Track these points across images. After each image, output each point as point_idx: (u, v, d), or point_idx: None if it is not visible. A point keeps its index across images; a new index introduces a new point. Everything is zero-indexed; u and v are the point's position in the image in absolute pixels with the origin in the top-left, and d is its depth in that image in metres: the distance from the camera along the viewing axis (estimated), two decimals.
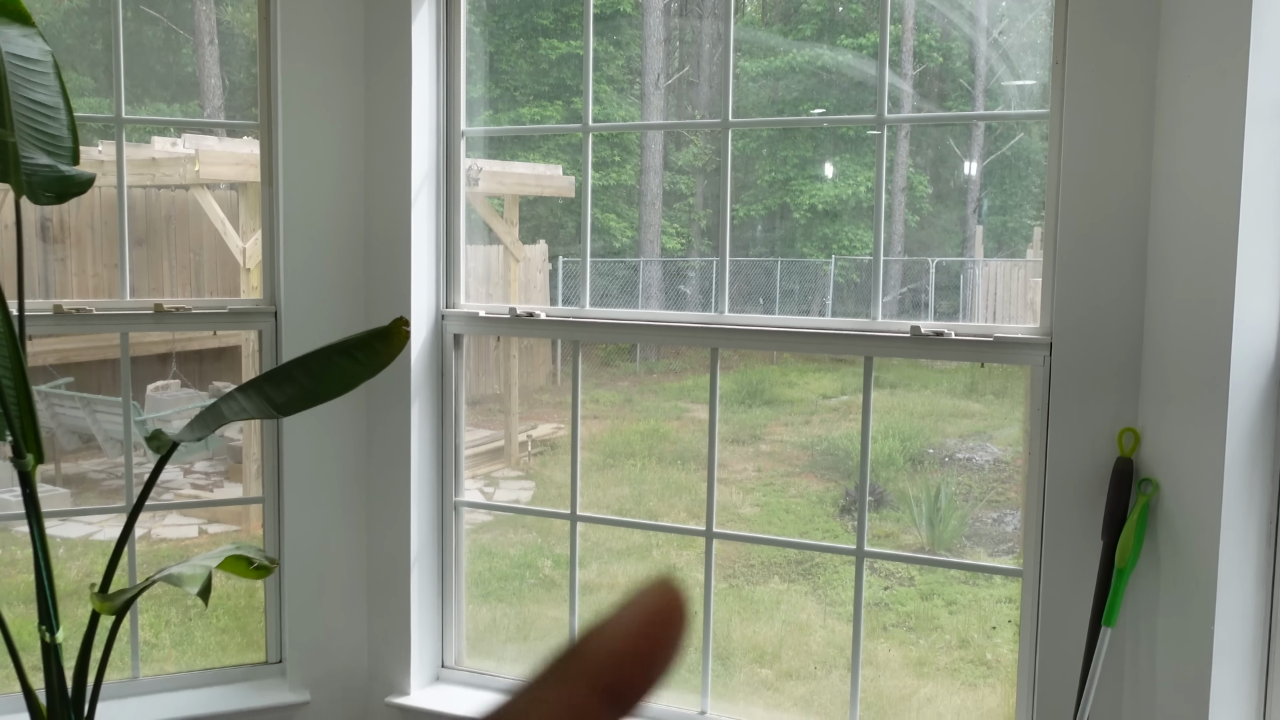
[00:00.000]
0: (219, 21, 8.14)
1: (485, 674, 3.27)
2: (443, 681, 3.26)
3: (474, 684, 3.24)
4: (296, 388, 2.24)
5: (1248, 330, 2.27)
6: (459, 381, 3.20)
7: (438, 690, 3.22)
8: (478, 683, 3.24)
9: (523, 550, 6.61)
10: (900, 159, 10.35)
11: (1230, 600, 2.32)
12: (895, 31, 10.21)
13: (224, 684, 3.14)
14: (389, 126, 3.06)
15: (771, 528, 6.85)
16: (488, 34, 10.14)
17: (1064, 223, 2.52)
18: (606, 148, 10.59)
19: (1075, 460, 2.54)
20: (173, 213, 7.68)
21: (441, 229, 3.16)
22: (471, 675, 3.26)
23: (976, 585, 6.04)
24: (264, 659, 3.20)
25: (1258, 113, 2.24)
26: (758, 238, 10.97)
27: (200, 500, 6.99)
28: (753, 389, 8.65)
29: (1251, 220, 2.25)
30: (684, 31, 11.56)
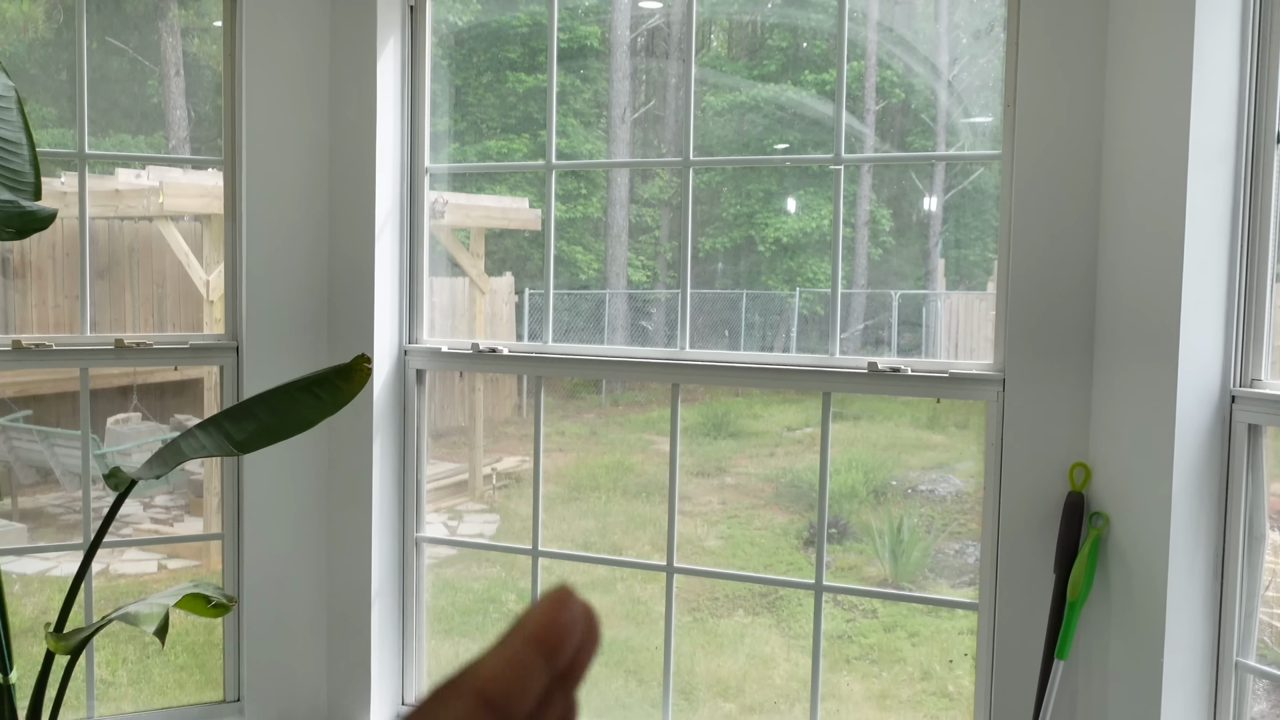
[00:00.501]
0: (185, 53, 8.14)
1: None
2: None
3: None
4: (257, 424, 2.24)
5: (1193, 366, 2.33)
6: (421, 417, 3.21)
7: None
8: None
9: (487, 584, 6.58)
10: (863, 193, 10.47)
11: (1179, 632, 2.36)
12: (858, 67, 10.35)
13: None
14: (353, 162, 3.08)
15: (736, 560, 6.87)
16: (455, 67, 10.18)
17: (1015, 261, 2.57)
18: (573, 180, 10.64)
19: (1028, 494, 2.59)
20: (136, 245, 7.64)
21: (405, 265, 3.17)
22: None
23: (939, 617, 6.07)
24: (222, 697, 3.17)
25: (1200, 156, 2.31)
26: (723, 270, 11.04)
27: (159, 536, 6.91)
28: (718, 421, 8.69)
29: (1196, 259, 2.32)
30: (650, 67, 11.67)
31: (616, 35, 10.88)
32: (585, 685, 0.38)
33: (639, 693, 5.29)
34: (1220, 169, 2.34)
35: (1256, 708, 2.69)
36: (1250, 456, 2.35)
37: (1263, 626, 4.46)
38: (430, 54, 3.16)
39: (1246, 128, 2.34)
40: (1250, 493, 2.37)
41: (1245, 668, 2.38)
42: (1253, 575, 2.40)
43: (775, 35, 11.54)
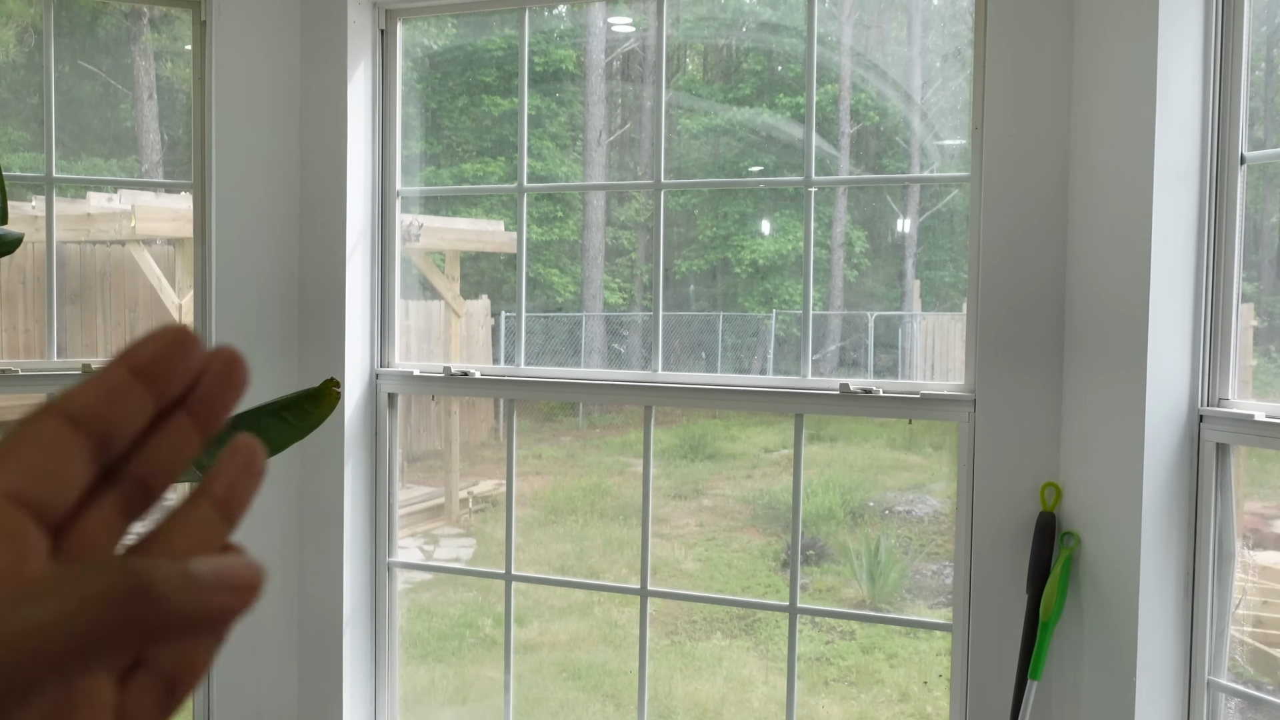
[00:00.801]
0: (158, 77, 8.11)
1: None
2: None
3: None
4: None
5: (1161, 386, 2.34)
6: (393, 441, 3.19)
7: None
8: None
9: (463, 609, 6.53)
10: (838, 215, 10.52)
11: (1151, 652, 2.37)
12: (833, 91, 10.41)
13: None
14: (324, 185, 3.07)
15: (714, 583, 6.85)
16: (430, 90, 10.19)
17: (985, 282, 2.59)
18: (549, 203, 10.65)
19: (1000, 515, 2.59)
20: (108, 269, 7.59)
21: (376, 288, 3.16)
22: None
23: (917, 639, 6.07)
24: None
25: (1165, 176, 2.33)
26: (700, 292, 11.06)
27: None
28: (695, 443, 8.68)
29: (1162, 279, 2.33)
30: (626, 91, 11.72)
31: (592, 59, 10.93)
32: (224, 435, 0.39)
33: (616, 717, 5.26)
34: (1185, 189, 2.36)
35: None
36: (1219, 475, 2.37)
37: (1234, 645, 4.48)
38: (401, 77, 3.16)
39: (1210, 148, 2.37)
40: (1219, 511, 2.38)
41: (1218, 686, 2.39)
42: (1223, 594, 2.41)
43: (750, 59, 11.62)
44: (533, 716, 5.41)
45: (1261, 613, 4.63)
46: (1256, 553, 4.96)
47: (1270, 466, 4.85)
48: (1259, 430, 2.26)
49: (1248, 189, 2.45)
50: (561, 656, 6.02)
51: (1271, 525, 5.09)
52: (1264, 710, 3.91)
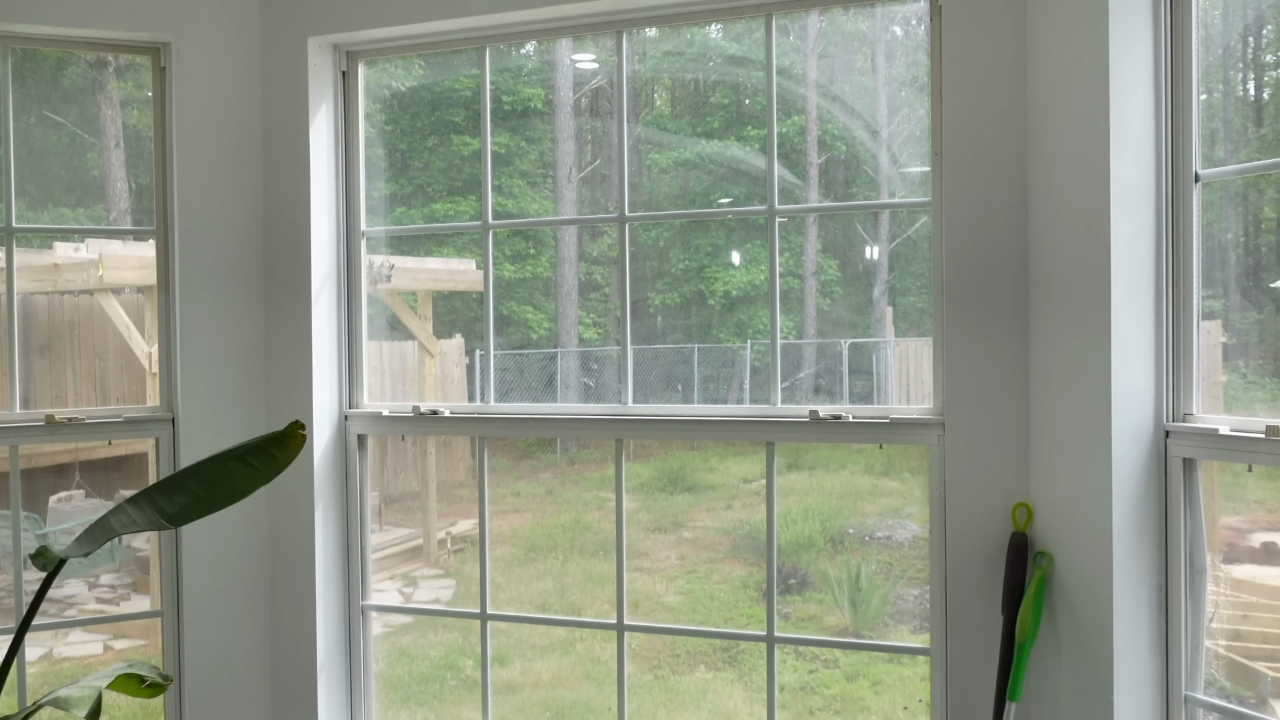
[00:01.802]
0: (125, 125, 8.11)
1: None
2: None
3: None
4: (189, 497, 2.20)
5: (1126, 404, 2.36)
6: (364, 482, 3.16)
7: None
8: None
9: (444, 651, 6.47)
10: (809, 244, 10.58)
11: (1127, 669, 2.37)
12: (799, 122, 10.50)
13: None
14: (288, 228, 3.06)
15: (696, 615, 6.81)
16: (399, 132, 10.22)
17: (949, 305, 2.60)
18: (521, 240, 10.67)
19: (973, 537, 2.60)
20: (76, 319, 7.53)
21: (344, 329, 3.15)
22: None
23: (901, 664, 6.05)
24: None
25: (1121, 197, 2.36)
26: (673, 325, 11.08)
27: (96, 616, 6.72)
28: (673, 476, 8.66)
29: (1123, 298, 2.35)
30: (595, 127, 11.78)
31: (560, 96, 10.99)
32: None
33: None
34: (1142, 209, 2.39)
35: None
36: (1187, 489, 2.38)
37: (1214, 659, 4.49)
38: (364, 118, 3.17)
39: (1165, 168, 2.40)
40: (1189, 525, 2.39)
41: (1195, 701, 2.39)
42: (1197, 608, 2.41)
43: (718, 93, 11.71)
44: None
45: (1241, 626, 4.64)
46: (1233, 567, 4.98)
47: (1245, 480, 4.88)
48: (1224, 444, 2.27)
49: (1211, 208, 2.48)
50: (544, 696, 5.97)
51: (1248, 539, 5.11)
52: None
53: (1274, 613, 4.62)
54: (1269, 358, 5.41)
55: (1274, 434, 2.16)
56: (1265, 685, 4.33)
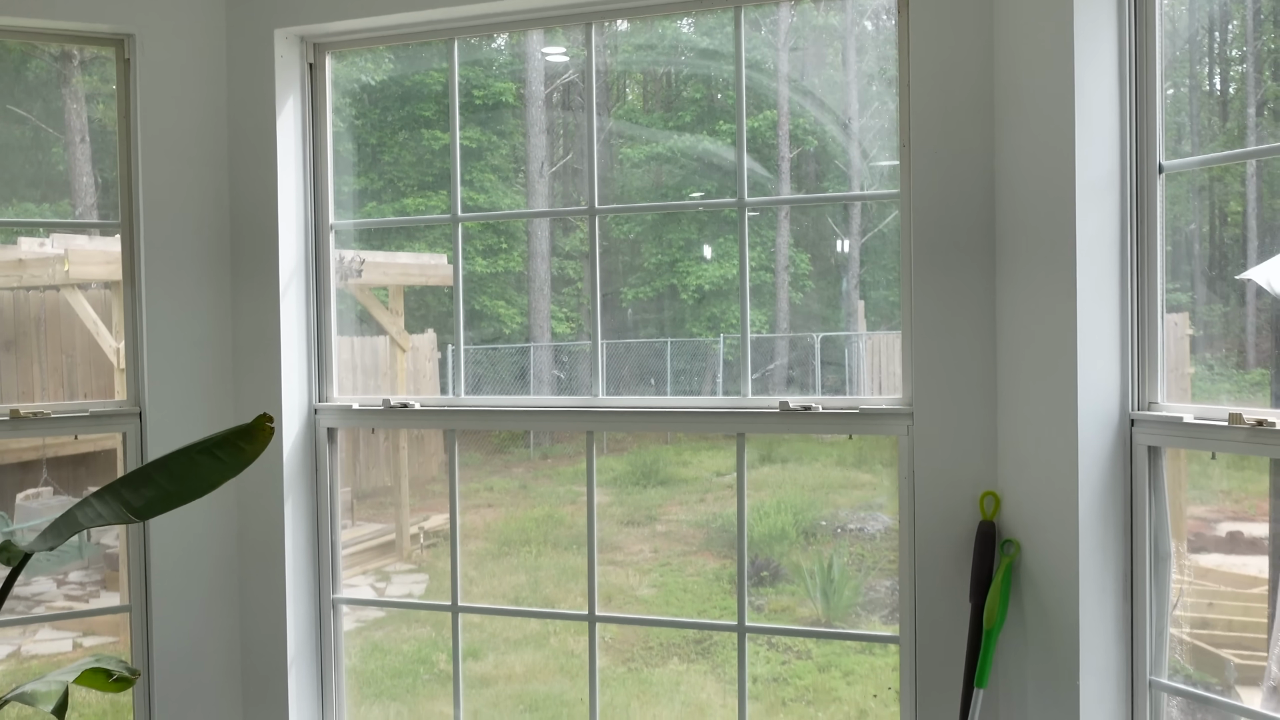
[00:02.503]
0: (90, 119, 8.03)
1: None
2: None
3: None
4: (156, 490, 2.18)
5: (1091, 393, 2.38)
6: (334, 476, 3.15)
7: None
8: None
9: (416, 645, 6.45)
10: (781, 239, 10.60)
11: (1093, 655, 2.39)
12: (771, 116, 10.52)
13: None
14: (255, 221, 3.04)
15: (669, 608, 6.83)
16: (369, 126, 10.17)
17: (917, 296, 2.62)
18: (493, 235, 10.64)
19: (941, 525, 2.61)
20: (43, 314, 7.45)
21: (313, 323, 3.13)
22: None
23: (873, 655, 6.08)
24: None
25: (1087, 188, 2.38)
26: (647, 319, 11.08)
27: (63, 613, 6.65)
28: (647, 470, 8.67)
29: (1089, 288, 2.38)
30: (567, 121, 11.76)
31: (531, 90, 10.96)
32: None
33: None
34: (1107, 199, 2.41)
35: None
36: (1151, 477, 2.40)
37: (1181, 647, 4.55)
38: (331, 111, 3.15)
39: (1129, 159, 2.42)
40: (1154, 513, 2.41)
41: (1160, 686, 2.41)
42: (1161, 594, 2.44)
43: (690, 87, 11.72)
44: None
45: (1207, 615, 4.70)
46: (1200, 556, 5.05)
47: (1211, 471, 4.94)
48: (1188, 432, 2.30)
49: (1178, 202, 2.51)
50: (518, 689, 5.97)
51: (1215, 529, 5.18)
52: (1211, 709, 3.96)
53: (1239, 601, 4.69)
54: (1234, 350, 5.48)
55: (1236, 421, 2.19)
56: (1230, 672, 4.39)
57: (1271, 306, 4.70)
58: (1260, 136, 5.38)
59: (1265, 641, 4.29)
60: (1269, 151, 2.97)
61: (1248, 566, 4.86)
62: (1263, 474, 4.66)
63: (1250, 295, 5.06)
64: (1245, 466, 4.95)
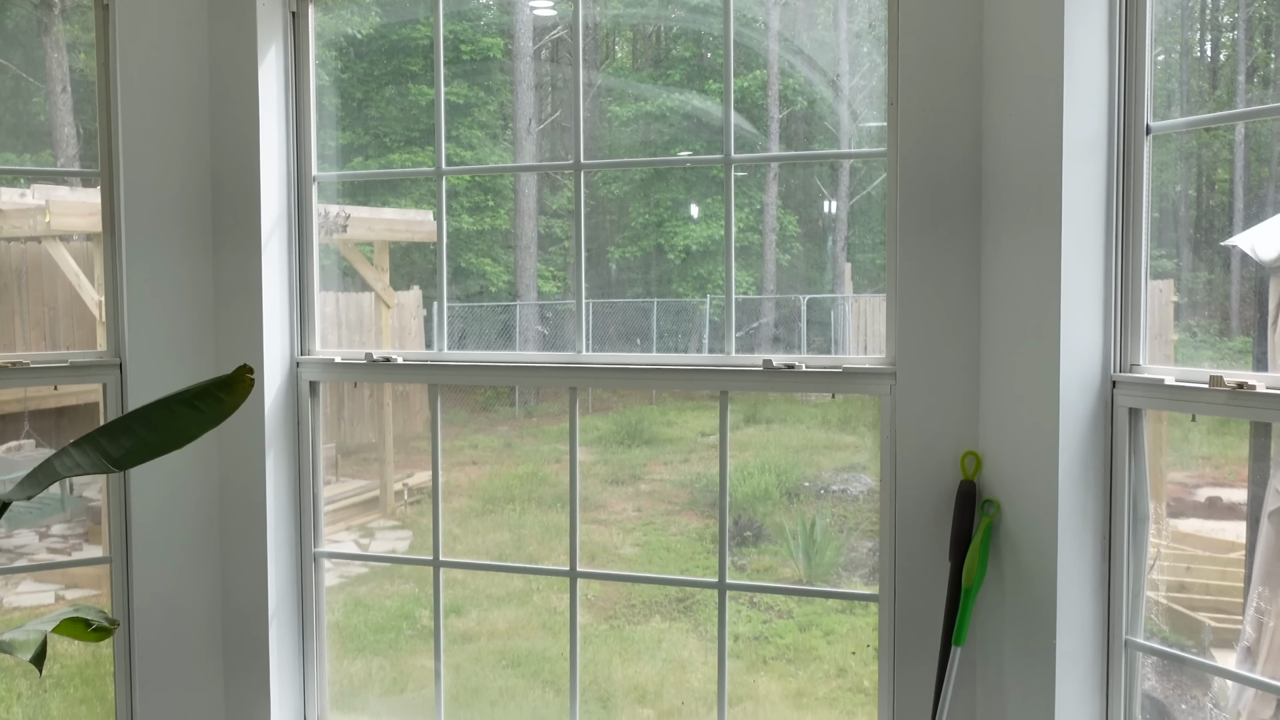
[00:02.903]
0: (72, 69, 7.92)
1: None
2: None
3: None
4: (135, 440, 2.17)
5: (1074, 354, 2.38)
6: (316, 429, 3.14)
7: None
8: None
9: (400, 601, 6.48)
10: (769, 200, 10.57)
11: (1070, 614, 2.41)
12: (761, 76, 10.44)
13: None
14: (236, 172, 3.01)
15: (652, 566, 6.87)
16: (356, 80, 10.06)
17: (903, 256, 2.61)
18: (480, 193, 10.57)
19: (922, 485, 2.62)
20: (24, 266, 7.39)
21: (295, 275, 3.11)
22: None
23: (854, 614, 6.14)
24: None
25: (1074, 149, 2.37)
26: (634, 279, 11.05)
27: (44, 564, 6.65)
28: (631, 429, 8.69)
29: (1073, 249, 2.37)
30: (556, 77, 11.66)
31: (519, 46, 10.85)
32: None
33: (555, 703, 5.25)
34: (1094, 161, 2.40)
35: (1146, 684, 2.76)
36: (1132, 439, 2.41)
37: (1159, 610, 4.60)
38: (314, 61, 3.10)
39: (1117, 120, 2.41)
40: (1134, 474, 2.43)
41: (1135, 645, 2.44)
42: (1138, 555, 2.46)
43: (679, 45, 11.62)
44: (472, 706, 5.38)
45: (1185, 578, 4.75)
46: (1179, 520, 5.09)
47: (1193, 436, 4.97)
48: (1169, 394, 2.30)
49: (1166, 168, 2.50)
50: (500, 645, 6.00)
51: (1194, 494, 5.22)
52: (1186, 670, 4.01)
53: (1217, 565, 4.74)
54: (1218, 317, 5.50)
55: (1217, 384, 2.19)
56: (1206, 634, 4.45)
57: (1255, 274, 4.71)
58: (1249, 102, 5.37)
59: (1241, 605, 4.34)
60: (1255, 114, 2.96)
61: (1225, 531, 4.91)
62: (1242, 439, 4.70)
63: (1235, 262, 5.08)
64: (1226, 432, 4.99)
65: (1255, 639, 3.94)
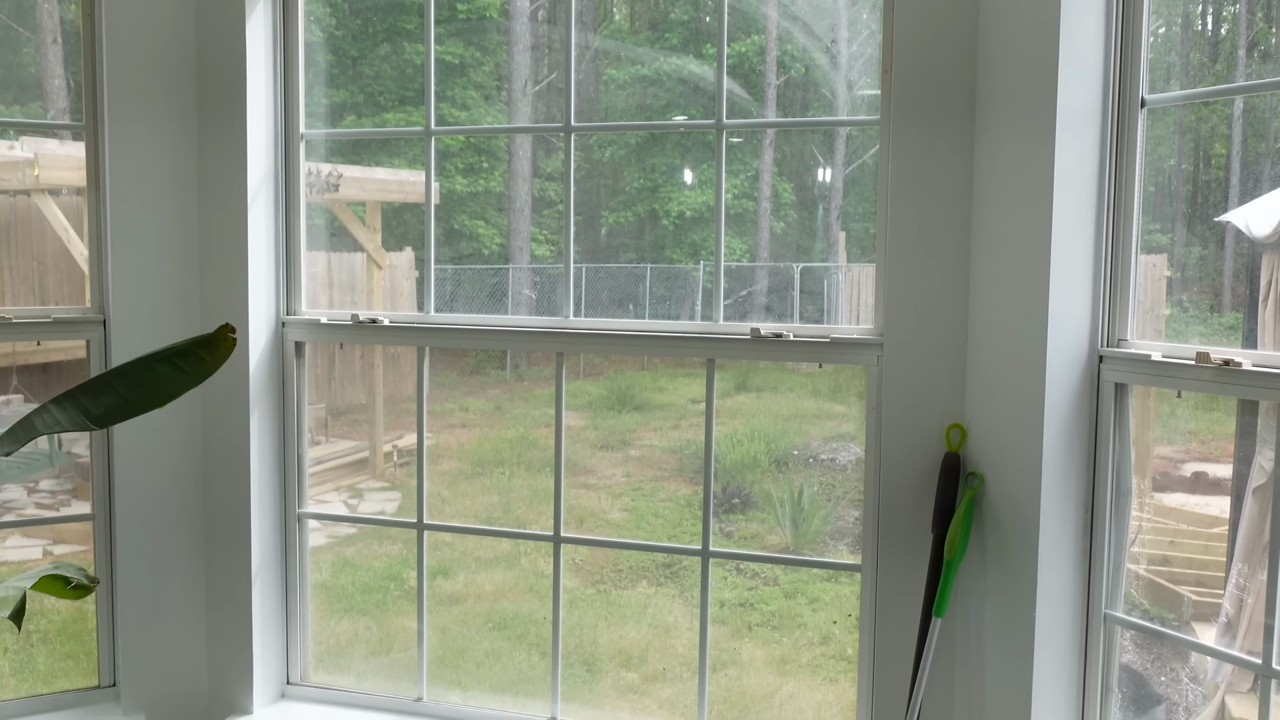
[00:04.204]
0: (63, 20, 7.83)
1: (333, 689, 3.19)
2: (288, 699, 3.18)
3: (320, 699, 3.17)
4: (115, 398, 2.15)
5: (1061, 328, 2.38)
6: (301, 390, 3.13)
7: (282, 708, 3.14)
8: (324, 698, 3.17)
9: (388, 562, 6.49)
10: (764, 168, 10.51)
11: (1051, 587, 2.42)
12: (759, 41, 10.36)
13: (54, 710, 3.01)
14: (223, 126, 2.97)
15: (640, 532, 6.88)
16: (350, 37, 9.95)
17: (892, 227, 2.59)
18: (473, 154, 10.50)
19: (907, 456, 2.62)
20: (13, 220, 7.33)
21: (281, 234, 3.08)
22: (318, 691, 3.18)
23: (839, 583, 6.16)
24: (97, 683, 3.07)
25: (1067, 119, 2.35)
26: (627, 244, 11.01)
27: (29, 519, 6.65)
28: (622, 395, 8.68)
29: (1064, 221, 2.36)
30: (553, 38, 11.55)
31: (516, 6, 10.74)
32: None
33: (540, 665, 5.28)
34: (1088, 133, 2.38)
35: (1124, 658, 2.77)
36: (1117, 414, 2.41)
37: (1141, 583, 4.62)
38: (303, 14, 3.06)
39: (1112, 92, 2.39)
40: (1118, 449, 2.43)
41: (1114, 619, 2.45)
42: (1120, 530, 2.46)
43: (678, 8, 11.51)
44: (457, 667, 5.41)
45: (1168, 552, 4.78)
46: (1164, 495, 5.11)
47: (1180, 412, 4.98)
48: (1155, 369, 2.30)
49: (1163, 142, 2.48)
50: (487, 607, 6.03)
51: (1180, 469, 5.24)
52: (1166, 643, 4.04)
53: (1200, 540, 4.77)
54: (1209, 293, 5.49)
55: (1204, 360, 2.19)
56: (1187, 608, 4.48)
57: (1249, 251, 4.70)
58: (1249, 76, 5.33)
59: (1222, 580, 4.36)
60: (1253, 88, 2.94)
61: (1209, 506, 4.93)
62: (1230, 415, 4.71)
63: (1229, 238, 5.06)
64: (1213, 408, 4.99)
65: (1234, 614, 3.97)
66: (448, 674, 5.12)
